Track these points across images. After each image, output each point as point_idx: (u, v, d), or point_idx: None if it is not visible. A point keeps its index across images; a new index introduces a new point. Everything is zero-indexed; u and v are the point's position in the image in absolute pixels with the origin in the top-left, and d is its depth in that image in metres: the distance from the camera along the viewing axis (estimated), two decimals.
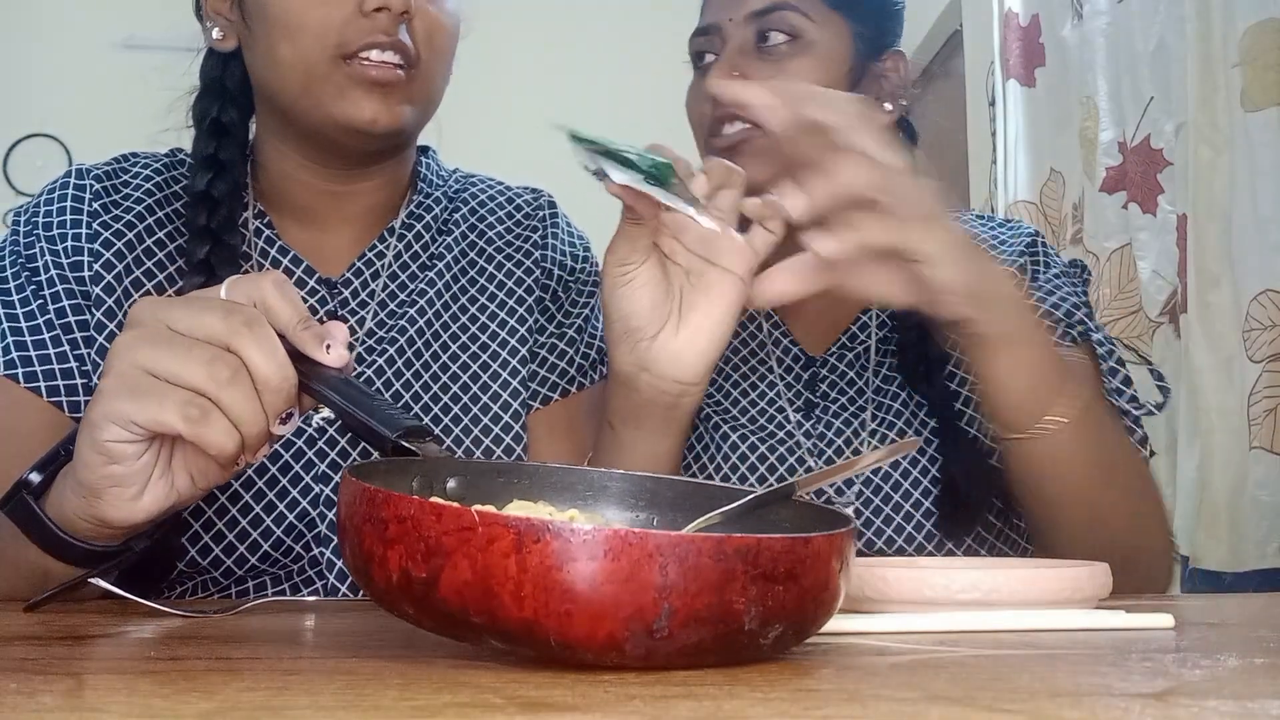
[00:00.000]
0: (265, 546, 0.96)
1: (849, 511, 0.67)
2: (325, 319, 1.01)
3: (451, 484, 0.65)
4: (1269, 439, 1.76)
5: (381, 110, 0.97)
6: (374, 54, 0.96)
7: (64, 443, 0.77)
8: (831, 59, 1.12)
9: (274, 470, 0.97)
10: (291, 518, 0.96)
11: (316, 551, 0.97)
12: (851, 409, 1.14)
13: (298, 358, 0.72)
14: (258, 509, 0.96)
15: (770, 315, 1.18)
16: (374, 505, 0.51)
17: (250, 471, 0.96)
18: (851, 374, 1.15)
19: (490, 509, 0.50)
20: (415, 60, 0.99)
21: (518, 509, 0.62)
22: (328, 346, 0.72)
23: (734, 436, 1.11)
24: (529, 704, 0.43)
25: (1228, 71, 1.82)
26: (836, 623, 0.63)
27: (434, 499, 0.53)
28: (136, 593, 0.77)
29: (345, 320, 1.04)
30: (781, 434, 1.12)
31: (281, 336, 0.72)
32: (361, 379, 1.01)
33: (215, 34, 1.03)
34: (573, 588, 0.47)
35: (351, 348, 1.03)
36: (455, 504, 0.50)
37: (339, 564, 0.97)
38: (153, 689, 0.47)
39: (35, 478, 0.77)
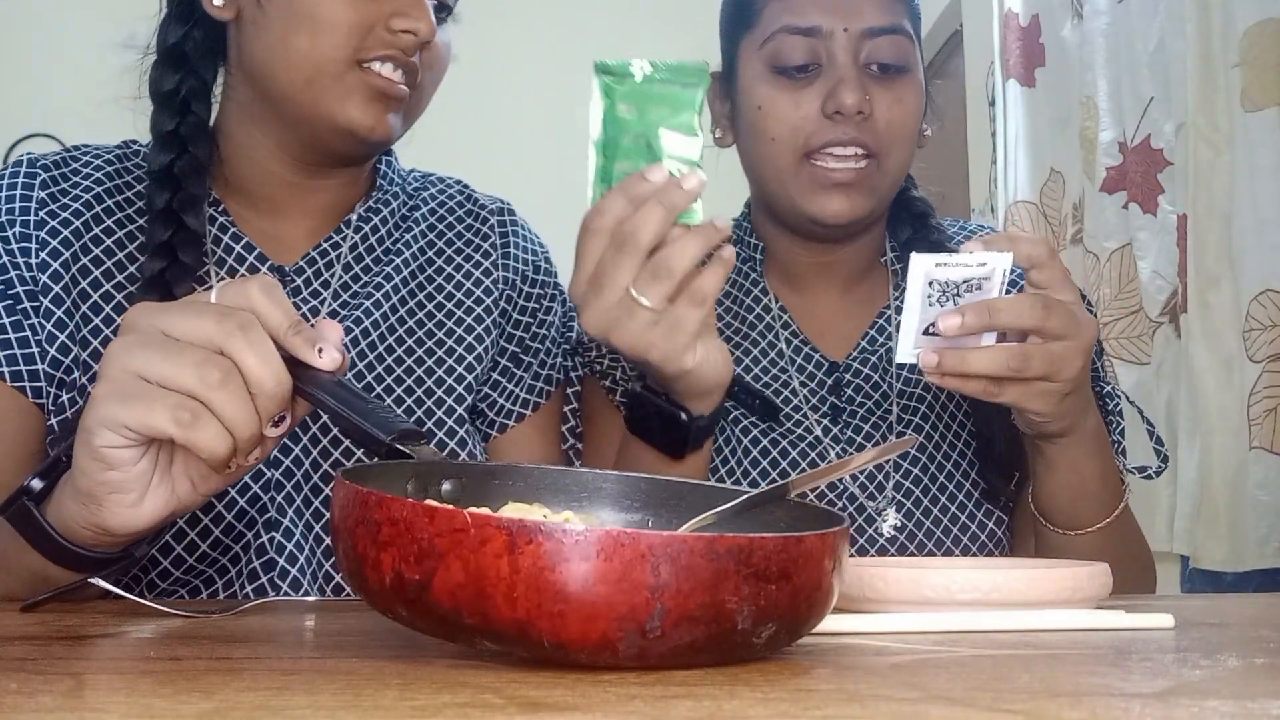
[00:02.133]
0: (216, 532, 0.95)
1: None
2: None
3: (446, 486, 0.65)
4: (1269, 439, 1.76)
5: (381, 121, 0.99)
6: (388, 68, 0.98)
7: (65, 449, 0.76)
8: (921, 83, 1.14)
9: None
10: (243, 503, 0.96)
11: (266, 538, 0.96)
12: (879, 412, 1.14)
13: (290, 361, 0.71)
14: None
15: (788, 325, 1.18)
16: (367, 508, 0.51)
17: None
18: (876, 376, 1.15)
19: (485, 511, 0.50)
20: (416, 81, 1.01)
21: (513, 511, 0.62)
22: (319, 350, 0.72)
23: (764, 441, 1.12)
24: (529, 704, 0.43)
25: (1228, 71, 1.82)
26: (836, 622, 0.63)
27: (428, 501, 0.53)
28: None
29: (299, 309, 1.04)
30: (810, 438, 1.13)
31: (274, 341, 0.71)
32: None
33: (216, 1, 1.01)
34: (565, 588, 0.47)
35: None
36: (449, 506, 0.50)
37: (289, 547, 0.97)
38: (153, 689, 0.47)
39: (37, 484, 0.76)
